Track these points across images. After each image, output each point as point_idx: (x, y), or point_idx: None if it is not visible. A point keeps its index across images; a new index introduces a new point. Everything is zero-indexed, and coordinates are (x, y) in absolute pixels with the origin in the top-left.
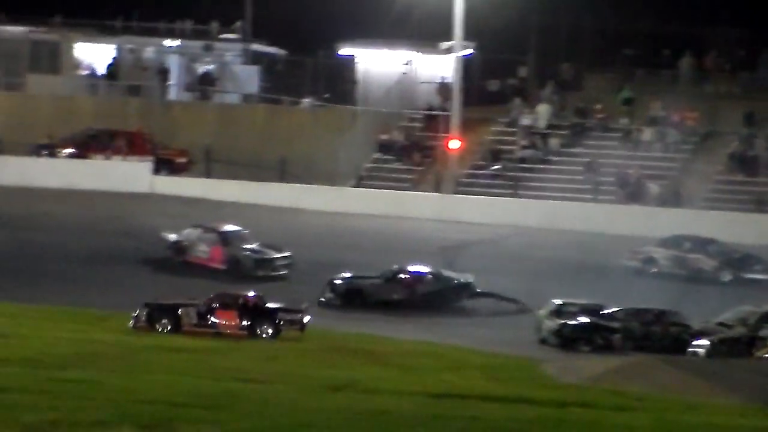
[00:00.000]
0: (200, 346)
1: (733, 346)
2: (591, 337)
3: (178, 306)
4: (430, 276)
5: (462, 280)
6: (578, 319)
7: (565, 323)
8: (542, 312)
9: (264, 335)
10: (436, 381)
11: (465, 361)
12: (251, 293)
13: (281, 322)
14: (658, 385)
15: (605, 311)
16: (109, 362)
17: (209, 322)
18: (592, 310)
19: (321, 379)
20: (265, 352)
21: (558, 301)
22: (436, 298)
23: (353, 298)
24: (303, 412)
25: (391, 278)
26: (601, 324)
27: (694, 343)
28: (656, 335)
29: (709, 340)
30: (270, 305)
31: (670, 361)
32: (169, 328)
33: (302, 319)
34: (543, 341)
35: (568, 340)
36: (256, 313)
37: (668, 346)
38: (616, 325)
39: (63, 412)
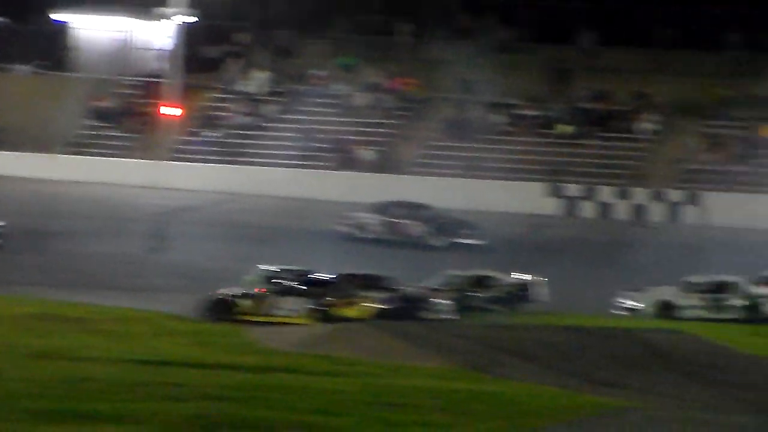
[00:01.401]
0: None
1: (317, 310)
2: None
3: None
4: None
5: None
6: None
7: None
8: (249, 278)
9: None
10: (144, 347)
11: (172, 327)
12: None
13: None
14: (365, 350)
15: (314, 277)
16: None
17: None
18: (300, 276)
19: (26, 347)
20: None
21: (264, 267)
22: None
23: None
24: (6, 381)
25: None
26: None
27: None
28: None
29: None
30: None
31: (377, 326)
32: None
33: None
34: None
35: None
36: None
37: None
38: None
39: None
